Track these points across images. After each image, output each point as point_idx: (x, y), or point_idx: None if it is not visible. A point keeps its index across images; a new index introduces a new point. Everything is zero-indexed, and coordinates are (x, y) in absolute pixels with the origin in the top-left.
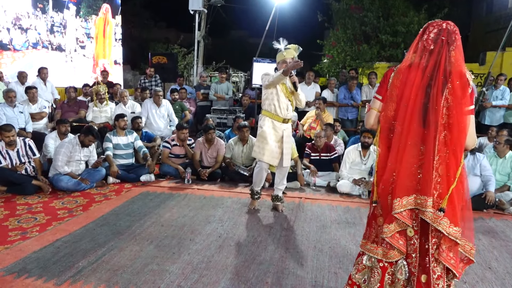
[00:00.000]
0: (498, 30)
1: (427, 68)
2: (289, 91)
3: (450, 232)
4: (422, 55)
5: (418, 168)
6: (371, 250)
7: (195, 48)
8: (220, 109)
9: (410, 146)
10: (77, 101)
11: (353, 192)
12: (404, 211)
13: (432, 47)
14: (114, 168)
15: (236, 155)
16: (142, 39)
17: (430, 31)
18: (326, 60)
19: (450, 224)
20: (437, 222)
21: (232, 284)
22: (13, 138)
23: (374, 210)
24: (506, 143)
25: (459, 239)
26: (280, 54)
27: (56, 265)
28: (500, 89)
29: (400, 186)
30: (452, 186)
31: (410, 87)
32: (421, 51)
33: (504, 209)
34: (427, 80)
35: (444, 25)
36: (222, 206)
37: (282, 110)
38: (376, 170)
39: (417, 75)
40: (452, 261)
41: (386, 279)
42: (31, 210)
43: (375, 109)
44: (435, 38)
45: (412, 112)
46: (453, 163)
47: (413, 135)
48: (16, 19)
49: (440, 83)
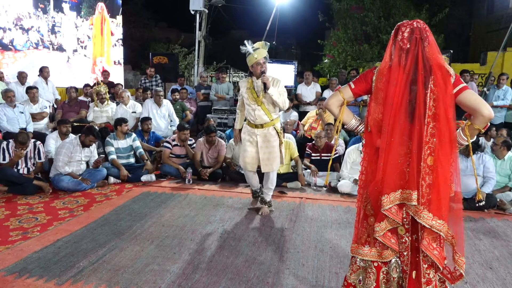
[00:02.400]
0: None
1: (406, 66)
2: (259, 94)
3: (432, 224)
4: (400, 55)
5: (406, 164)
6: (363, 254)
7: (196, 48)
8: (221, 109)
9: (397, 143)
10: (78, 101)
11: (354, 192)
12: (393, 208)
13: (408, 46)
14: (124, 172)
15: (236, 155)
16: (143, 39)
17: (403, 31)
18: (327, 60)
19: (434, 217)
20: (418, 215)
21: (233, 284)
22: (26, 150)
23: (365, 211)
24: (503, 145)
25: (444, 232)
26: (251, 57)
27: (57, 265)
28: (503, 89)
29: (388, 182)
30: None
31: (394, 86)
32: (398, 50)
33: (505, 209)
34: (409, 77)
35: (415, 24)
36: (223, 206)
37: (250, 116)
38: (361, 172)
39: (399, 74)
40: (435, 252)
41: (381, 278)
42: (32, 210)
43: (341, 94)
44: (409, 37)
45: (397, 109)
46: (441, 154)
47: (400, 132)
48: (17, 19)
49: (421, 78)
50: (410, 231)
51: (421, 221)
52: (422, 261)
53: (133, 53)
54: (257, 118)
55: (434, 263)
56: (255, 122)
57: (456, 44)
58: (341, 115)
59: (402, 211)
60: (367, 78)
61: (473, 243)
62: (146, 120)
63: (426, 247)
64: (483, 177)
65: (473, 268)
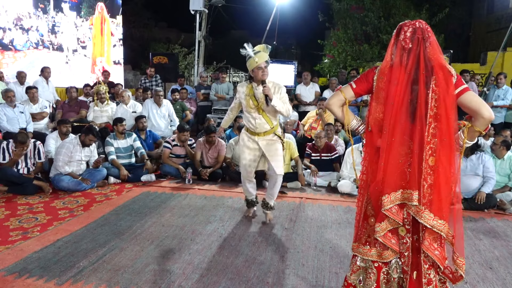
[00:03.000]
0: (499, 30)
1: (407, 65)
2: (259, 103)
3: (433, 225)
4: (402, 54)
5: (407, 164)
6: (363, 253)
7: (196, 48)
8: (221, 109)
9: (398, 143)
10: (78, 101)
11: (354, 192)
12: (393, 208)
13: (410, 45)
14: (124, 172)
15: (236, 155)
16: (143, 39)
17: (405, 31)
18: (327, 60)
19: (435, 217)
20: (419, 215)
21: (233, 284)
22: (26, 150)
23: (365, 211)
24: (503, 144)
25: (444, 232)
26: (252, 61)
27: (57, 265)
28: (503, 88)
29: (388, 182)
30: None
31: (395, 86)
32: (400, 50)
33: (505, 209)
34: (410, 77)
35: (417, 24)
36: (223, 206)
37: (250, 124)
38: (362, 172)
39: (400, 73)
40: (436, 252)
41: (381, 278)
42: (32, 210)
43: (343, 94)
44: (411, 37)
45: (398, 109)
46: (443, 154)
47: (401, 131)
48: (17, 19)
49: (423, 78)
50: (411, 231)
51: (422, 221)
52: (423, 262)
53: (133, 53)
54: (257, 127)
55: (435, 264)
56: (255, 130)
57: (456, 44)
58: (346, 115)
59: (402, 211)
60: (368, 78)
61: (473, 243)
62: (140, 119)
63: (428, 247)
64: (482, 177)
65: (473, 268)
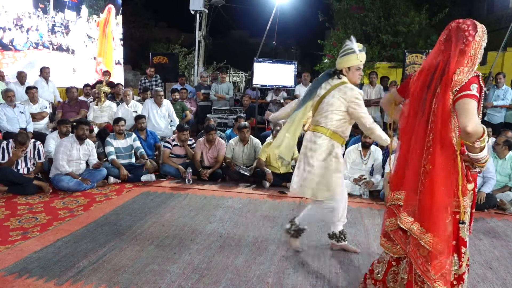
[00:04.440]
0: (499, 30)
1: (430, 67)
2: None
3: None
4: (437, 56)
5: (407, 166)
6: (381, 243)
7: (196, 48)
8: (221, 109)
9: (405, 144)
10: (78, 101)
11: (354, 192)
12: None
13: (443, 47)
14: (124, 171)
15: (236, 155)
16: (143, 39)
17: (444, 33)
18: (327, 60)
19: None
20: (399, 215)
21: (233, 284)
22: (25, 150)
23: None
24: (505, 144)
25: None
26: (354, 57)
27: (57, 265)
28: (503, 88)
29: (394, 181)
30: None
31: (415, 87)
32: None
33: (505, 209)
34: (427, 78)
35: (453, 24)
36: (223, 206)
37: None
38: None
39: (422, 74)
40: (418, 260)
41: (389, 272)
42: (32, 210)
43: (389, 93)
44: (446, 39)
45: (410, 111)
46: (436, 156)
47: (409, 133)
48: (17, 19)
49: (435, 81)
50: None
51: (399, 221)
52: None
53: (133, 53)
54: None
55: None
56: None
57: None
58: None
59: None
60: (408, 78)
61: (473, 243)
62: (139, 119)
63: (411, 254)
64: (482, 177)
65: (473, 268)
